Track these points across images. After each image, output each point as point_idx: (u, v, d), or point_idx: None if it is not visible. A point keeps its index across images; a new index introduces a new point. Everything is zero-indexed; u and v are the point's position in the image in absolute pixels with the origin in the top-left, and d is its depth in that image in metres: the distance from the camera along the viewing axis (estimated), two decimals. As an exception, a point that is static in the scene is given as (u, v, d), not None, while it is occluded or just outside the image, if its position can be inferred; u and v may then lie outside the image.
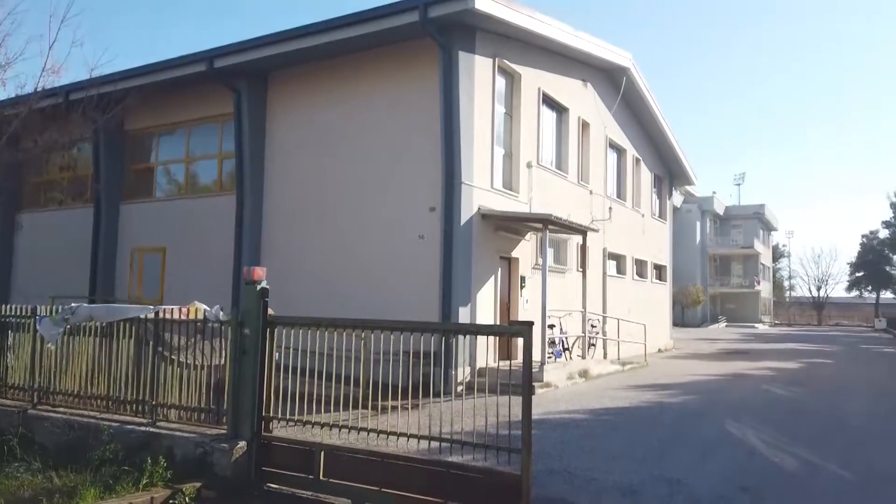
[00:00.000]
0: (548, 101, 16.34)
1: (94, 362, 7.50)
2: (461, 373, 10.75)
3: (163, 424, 6.88)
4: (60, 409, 7.58)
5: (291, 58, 14.02)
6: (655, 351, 22.43)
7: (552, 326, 14.37)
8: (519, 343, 5.37)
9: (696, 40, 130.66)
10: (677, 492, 6.32)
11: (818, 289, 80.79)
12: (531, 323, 5.46)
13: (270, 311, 6.58)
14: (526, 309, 14.53)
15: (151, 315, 7.17)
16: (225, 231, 14.91)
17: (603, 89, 19.40)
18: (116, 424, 6.91)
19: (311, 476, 6.07)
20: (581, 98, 18.05)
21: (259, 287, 6.52)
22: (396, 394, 5.96)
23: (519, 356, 5.60)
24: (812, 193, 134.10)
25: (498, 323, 13.23)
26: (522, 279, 14.80)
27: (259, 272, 6.60)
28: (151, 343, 7.09)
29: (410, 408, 6.08)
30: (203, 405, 6.82)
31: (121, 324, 7.33)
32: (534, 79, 15.46)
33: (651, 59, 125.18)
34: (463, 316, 12.36)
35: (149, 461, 6.04)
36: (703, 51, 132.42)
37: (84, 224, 17.43)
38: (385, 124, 13.53)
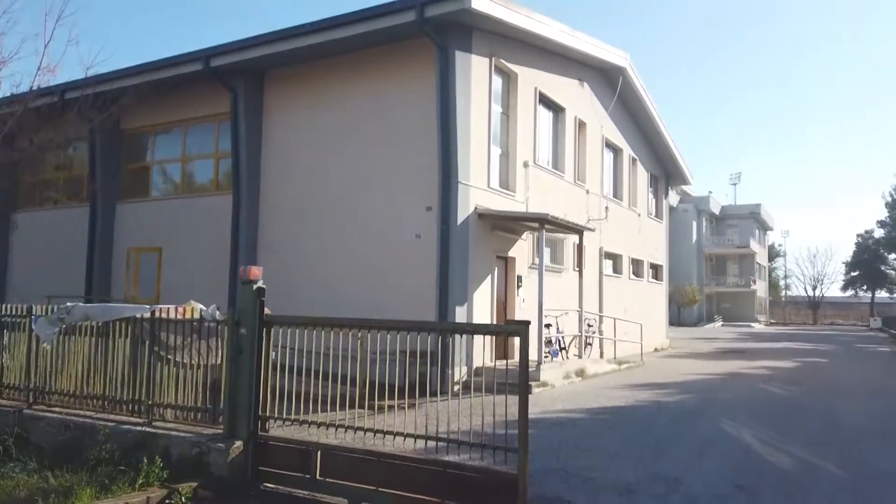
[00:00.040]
0: (544, 101, 16.35)
1: (90, 362, 7.49)
2: (458, 372, 10.77)
3: (159, 424, 6.87)
4: (56, 409, 7.57)
5: (288, 57, 14.01)
6: (652, 350, 22.47)
7: (549, 326, 14.38)
8: (515, 342, 5.38)
9: (694, 40, 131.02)
10: (674, 490, 6.33)
11: (814, 288, 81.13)
12: (528, 322, 5.46)
13: (267, 311, 6.58)
14: (522, 308, 14.55)
15: (148, 315, 7.16)
16: (221, 231, 14.89)
17: (599, 89, 19.42)
18: (112, 424, 6.90)
19: (308, 476, 6.07)
20: (578, 98, 18.07)
21: (255, 287, 6.52)
22: (393, 393, 5.97)
23: (516, 355, 5.60)
24: (808, 193, 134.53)
25: (495, 322, 13.24)
26: (519, 278, 14.81)
27: (255, 272, 6.59)
28: (147, 343, 7.08)
29: (407, 407, 6.08)
30: (199, 405, 6.82)
31: (117, 323, 7.33)
32: (530, 78, 15.47)
33: (648, 59, 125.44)
34: (460, 315, 12.37)
35: (145, 461, 6.03)
36: (701, 51, 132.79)
37: (80, 223, 17.38)
38: (382, 124, 13.52)
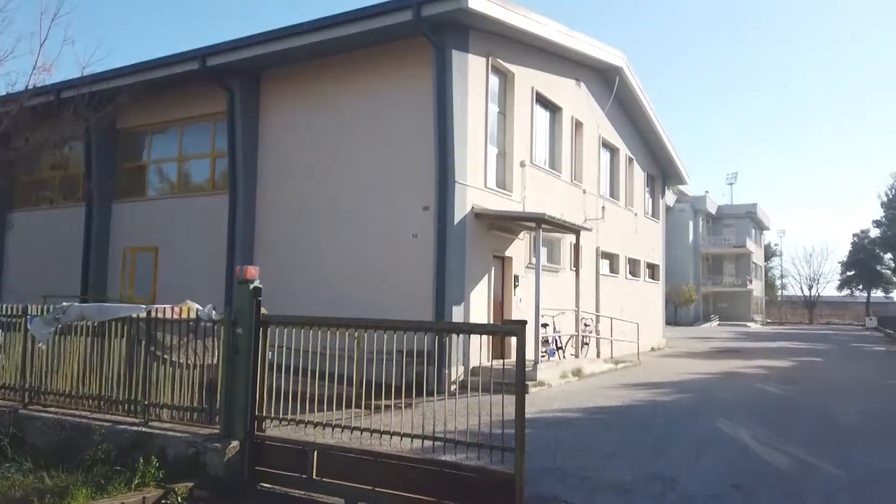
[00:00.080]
0: (541, 101, 16.36)
1: (86, 362, 7.48)
2: (455, 372, 10.78)
3: (155, 424, 6.86)
4: (52, 409, 7.55)
5: (284, 56, 13.98)
6: (648, 349, 22.50)
7: (545, 325, 14.39)
8: (512, 342, 5.38)
9: (691, 40, 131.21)
10: (670, 490, 6.34)
11: (810, 288, 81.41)
12: (524, 322, 5.46)
13: (263, 311, 6.56)
14: (519, 308, 14.55)
15: (144, 314, 7.14)
16: (218, 230, 14.85)
17: (596, 89, 19.44)
18: (108, 424, 6.89)
19: (305, 475, 6.06)
20: (574, 97, 18.08)
21: (252, 286, 6.50)
22: (390, 393, 5.96)
23: (512, 355, 5.61)
24: (804, 193, 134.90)
25: (491, 322, 13.24)
26: (516, 278, 14.82)
27: (252, 271, 6.58)
28: (144, 342, 7.07)
29: (404, 407, 6.08)
30: (196, 405, 6.81)
31: (113, 323, 7.31)
32: (527, 78, 15.47)
33: (645, 59, 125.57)
34: (456, 315, 12.37)
35: (141, 461, 6.02)
36: (697, 50, 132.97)
37: (76, 223, 17.33)
38: (378, 123, 13.51)
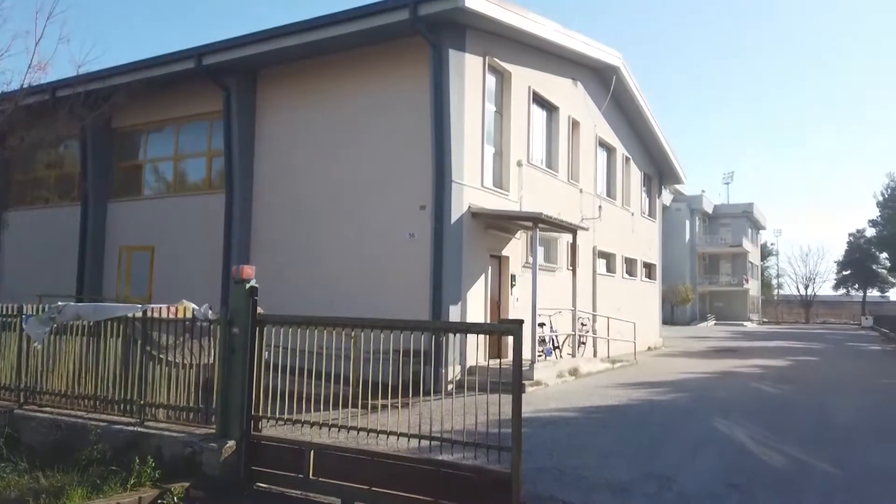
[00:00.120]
0: (538, 100, 16.35)
1: (82, 362, 7.45)
2: (451, 371, 10.77)
3: (151, 424, 6.84)
4: (47, 409, 7.52)
5: (281, 55, 13.95)
6: (645, 349, 22.53)
7: (542, 325, 14.40)
8: (509, 341, 5.38)
9: (688, 40, 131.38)
10: (667, 489, 6.34)
11: (806, 287, 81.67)
12: (521, 321, 5.46)
13: (259, 310, 6.55)
14: (516, 307, 14.55)
15: (139, 314, 7.12)
16: (214, 229, 14.83)
17: (593, 88, 19.45)
18: (104, 424, 6.86)
19: (301, 475, 6.05)
20: (571, 97, 18.08)
21: (248, 286, 6.49)
22: (387, 392, 5.96)
23: (509, 354, 5.61)
24: (800, 192, 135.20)
25: (488, 321, 13.23)
26: (513, 277, 14.81)
27: (248, 271, 6.57)
28: (140, 342, 7.04)
29: (401, 406, 6.07)
30: (192, 404, 6.78)
31: (108, 323, 7.28)
32: (524, 77, 15.47)
33: (642, 59, 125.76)
34: (453, 314, 12.36)
35: (137, 461, 6.00)
36: (694, 50, 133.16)
37: (71, 222, 17.28)
38: (375, 122, 13.50)
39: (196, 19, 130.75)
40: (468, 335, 6.25)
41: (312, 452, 6.05)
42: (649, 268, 25.35)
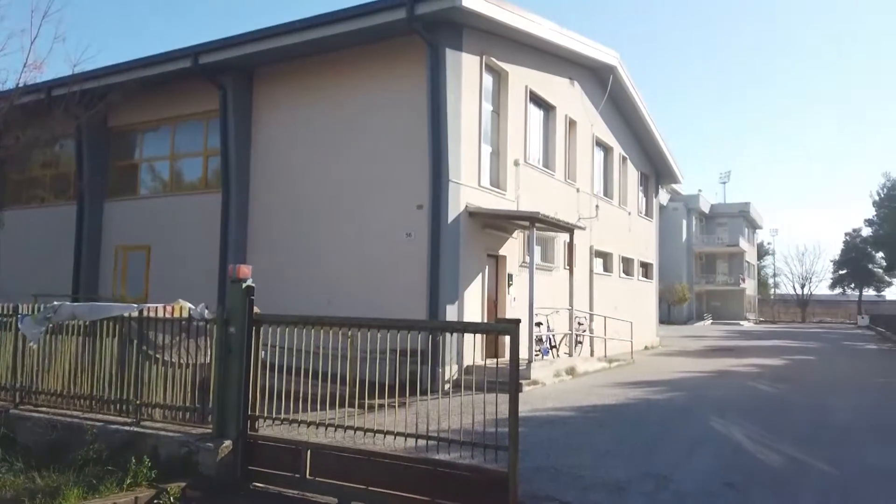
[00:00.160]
0: (535, 99, 16.36)
1: (78, 361, 7.43)
2: (448, 371, 10.76)
3: (147, 424, 6.82)
4: (43, 409, 7.50)
5: (277, 54, 13.93)
6: (642, 348, 22.56)
7: (539, 324, 14.40)
8: (506, 341, 5.37)
9: (686, 39, 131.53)
10: (663, 488, 6.35)
11: (802, 286, 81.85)
12: (518, 320, 5.45)
13: (256, 310, 6.54)
14: (513, 307, 14.55)
15: (135, 313, 7.10)
16: (210, 229, 14.80)
17: (590, 88, 19.45)
18: (100, 424, 6.84)
19: (298, 475, 6.04)
20: (568, 96, 18.09)
21: (245, 285, 6.48)
22: (383, 392, 5.95)
23: (506, 354, 5.60)
24: (796, 192, 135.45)
25: (485, 321, 13.24)
26: (510, 277, 14.82)
27: (245, 270, 6.55)
28: (136, 342, 7.03)
29: (398, 406, 6.06)
30: (188, 404, 6.77)
31: (104, 322, 7.26)
32: (521, 77, 15.47)
33: (639, 58, 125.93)
34: (450, 314, 12.36)
35: (133, 461, 5.98)
36: (692, 49, 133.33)
37: (67, 222, 17.24)
38: (372, 122, 13.48)
39: (196, 19, 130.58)
40: (465, 334, 6.24)
41: (309, 452, 6.05)
42: (646, 267, 25.38)
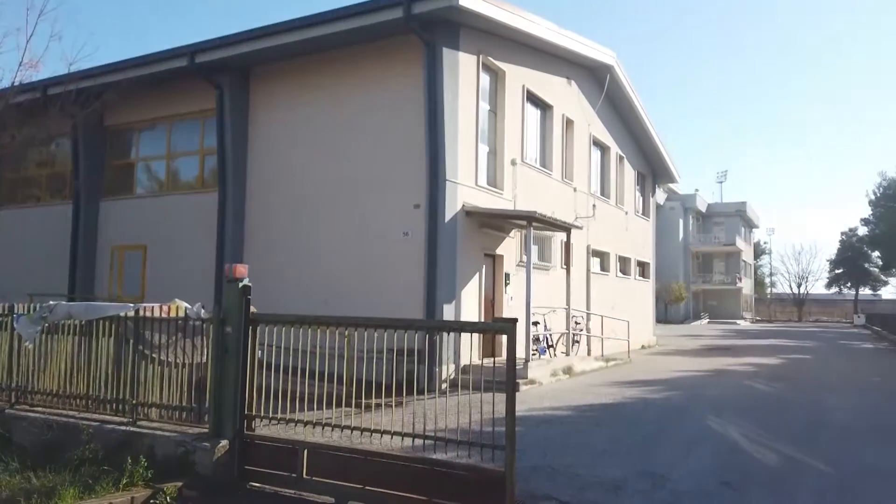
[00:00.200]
0: (532, 99, 16.35)
1: (73, 361, 7.41)
2: (445, 370, 10.77)
3: (144, 423, 6.81)
4: (39, 409, 7.48)
5: (274, 53, 13.90)
6: (639, 347, 22.59)
7: (536, 323, 14.40)
8: (503, 340, 5.37)
9: (684, 39, 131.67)
10: (660, 487, 6.35)
11: (799, 285, 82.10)
12: (515, 320, 5.44)
13: (253, 309, 6.52)
14: (510, 306, 14.55)
15: (132, 313, 7.08)
16: (207, 228, 14.77)
17: (587, 87, 19.46)
18: (96, 424, 6.82)
19: (295, 474, 6.03)
20: (565, 96, 18.09)
21: (241, 285, 6.46)
22: (380, 391, 5.94)
23: (503, 353, 5.61)
24: (793, 191, 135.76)
25: (482, 320, 13.24)
26: (507, 276, 14.82)
27: (241, 269, 6.53)
28: (132, 341, 7.01)
29: (394, 405, 6.05)
30: (184, 404, 6.75)
31: (100, 322, 7.24)
32: (518, 76, 15.46)
33: (637, 57, 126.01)
34: (447, 313, 12.36)
35: (129, 461, 5.96)
36: (690, 49, 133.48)
37: (63, 221, 17.18)
38: (369, 121, 13.46)
39: (195, 18, 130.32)
40: (462, 334, 6.25)
41: (306, 452, 6.03)
42: (643, 266, 25.41)
